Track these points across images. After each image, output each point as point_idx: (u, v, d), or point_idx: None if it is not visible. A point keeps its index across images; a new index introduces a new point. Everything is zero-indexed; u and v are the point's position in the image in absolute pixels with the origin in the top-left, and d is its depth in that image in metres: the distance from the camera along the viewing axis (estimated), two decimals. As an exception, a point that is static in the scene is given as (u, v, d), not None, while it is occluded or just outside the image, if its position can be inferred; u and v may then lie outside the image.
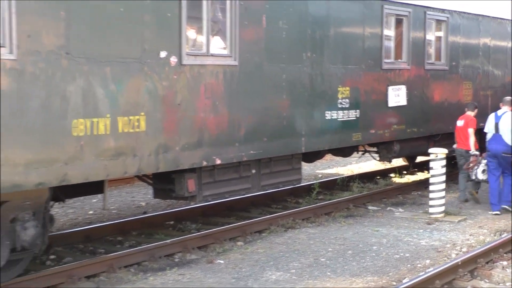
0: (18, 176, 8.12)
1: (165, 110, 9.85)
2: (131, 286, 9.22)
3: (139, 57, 9.41)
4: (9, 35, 7.92)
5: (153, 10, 9.51)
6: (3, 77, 7.88)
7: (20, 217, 8.76)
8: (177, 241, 11.25)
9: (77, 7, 8.58)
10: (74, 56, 8.60)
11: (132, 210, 14.28)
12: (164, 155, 9.90)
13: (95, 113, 8.90)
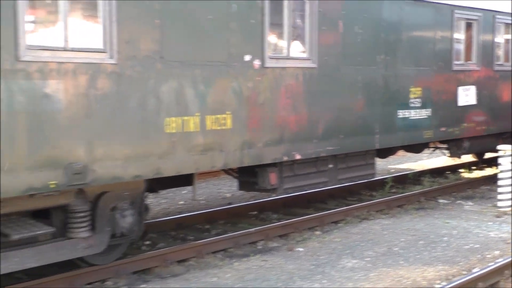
0: (118, 169, 8.33)
1: (249, 109, 9.96)
2: (218, 271, 9.32)
3: (226, 60, 9.54)
4: (110, 41, 8.13)
5: (238, 17, 9.61)
6: (105, 80, 8.11)
7: (119, 206, 8.97)
8: (259, 230, 11.33)
9: (171, 15, 8.74)
10: (167, 60, 8.77)
11: (218, 201, 14.42)
12: (248, 151, 10.01)
13: (185, 112, 9.06)
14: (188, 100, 9.08)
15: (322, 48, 11.07)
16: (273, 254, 10.26)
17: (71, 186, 7.96)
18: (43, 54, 7.56)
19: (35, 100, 7.49)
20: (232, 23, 9.54)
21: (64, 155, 7.79)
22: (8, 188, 7.34)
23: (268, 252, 10.41)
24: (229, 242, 10.71)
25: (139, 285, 8.81)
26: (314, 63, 10.98)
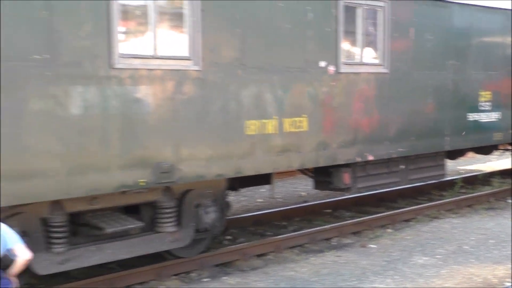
0: (201, 168, 8.46)
1: (324, 112, 9.96)
2: (295, 265, 9.35)
3: (302, 66, 9.57)
4: (195, 49, 8.26)
5: (314, 26, 9.63)
6: (190, 85, 8.27)
7: (203, 203, 9.10)
8: (334, 227, 11.35)
9: (251, 25, 8.83)
10: (247, 66, 8.86)
11: (294, 199, 14.43)
12: (323, 152, 10.02)
13: (264, 115, 9.13)
14: (266, 104, 9.15)
15: (394, 54, 11.00)
16: (347, 250, 10.24)
17: (159, 184, 8.12)
18: (134, 62, 7.75)
19: (127, 104, 7.68)
20: (308, 31, 9.57)
21: (153, 155, 7.96)
22: (103, 185, 7.59)
23: (342, 248, 10.40)
24: (305, 238, 10.74)
25: (221, 277, 8.90)
26: (386, 68, 10.92)
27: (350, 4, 10.19)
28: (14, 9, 6.72)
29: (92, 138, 7.43)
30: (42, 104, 7.01)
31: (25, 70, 6.85)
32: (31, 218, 7.50)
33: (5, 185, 6.76)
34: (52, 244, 7.65)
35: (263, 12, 8.97)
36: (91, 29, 7.30)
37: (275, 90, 9.24)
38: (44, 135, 7.05)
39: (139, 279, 8.61)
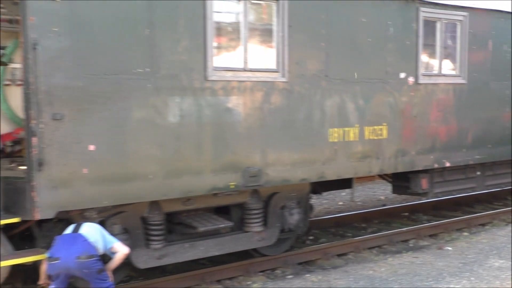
0: (287, 173, 8.53)
1: (403, 121, 9.90)
2: (374, 264, 9.29)
3: (383, 78, 9.54)
4: (282, 62, 8.36)
5: (394, 39, 9.59)
6: (277, 96, 8.36)
7: (288, 205, 9.14)
8: (411, 229, 11.21)
9: (335, 39, 8.85)
10: (331, 78, 8.89)
11: (373, 202, 14.32)
12: (402, 158, 9.95)
13: (346, 123, 9.13)
14: (349, 113, 9.15)
15: (472, 65, 10.83)
16: (424, 251, 10.10)
17: (248, 187, 8.24)
18: (227, 74, 7.90)
19: (219, 113, 7.84)
20: (389, 44, 9.54)
21: (242, 160, 8.08)
22: (196, 187, 7.78)
23: (419, 250, 10.26)
24: (384, 239, 10.66)
25: (303, 274, 8.92)
26: (464, 79, 10.76)
27: (430, 18, 10.09)
28: (121, 27, 6.99)
29: (187, 144, 7.60)
30: (143, 113, 7.22)
31: (129, 82, 7.09)
32: (133, 217, 7.72)
33: (110, 186, 7.03)
34: (150, 240, 7.85)
35: (346, 27, 9.00)
36: (188, 44, 7.50)
37: (357, 100, 9.24)
38: (144, 141, 7.26)
39: (228, 274, 8.71)
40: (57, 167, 6.64)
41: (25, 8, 6.38)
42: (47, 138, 6.58)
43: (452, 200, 13.73)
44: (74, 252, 6.53)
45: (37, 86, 6.47)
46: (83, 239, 6.64)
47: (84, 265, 6.54)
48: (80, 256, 6.52)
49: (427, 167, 10.43)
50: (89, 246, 6.62)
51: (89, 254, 6.57)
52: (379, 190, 15.72)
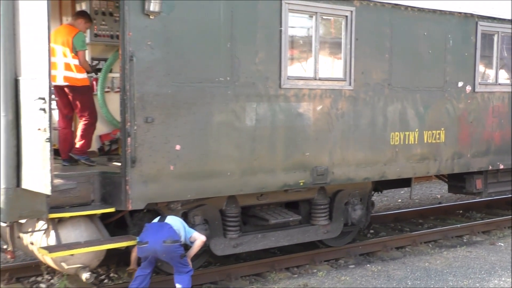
0: (351, 172, 8.51)
1: (460, 126, 9.73)
2: (430, 257, 9.19)
3: (442, 86, 9.40)
4: (349, 72, 8.34)
5: (454, 51, 9.42)
6: (344, 102, 8.34)
7: (351, 201, 9.12)
8: (465, 226, 11.01)
9: (398, 51, 8.76)
10: (393, 86, 8.81)
11: (430, 200, 14.09)
12: (458, 160, 9.79)
13: (407, 128, 9.04)
14: (409, 119, 9.06)
15: (526, 75, 10.59)
16: (477, 246, 9.92)
17: (315, 184, 8.25)
18: (299, 83, 7.93)
19: (291, 117, 7.88)
20: (448, 56, 9.39)
21: (311, 160, 8.10)
22: (269, 184, 7.85)
23: (472, 245, 10.08)
24: (439, 235, 10.51)
25: (364, 264, 8.89)
26: (518, 88, 10.53)
27: (487, 31, 9.88)
28: (205, 40, 7.11)
29: (262, 145, 7.67)
30: (223, 117, 7.33)
31: (211, 89, 7.21)
32: (212, 209, 7.85)
33: (193, 182, 7.17)
34: (227, 231, 7.96)
35: (408, 40, 8.90)
36: (264, 56, 7.56)
37: (417, 107, 9.14)
38: (224, 142, 7.36)
39: (296, 263, 8.75)
40: (147, 164, 6.81)
41: (124, 24, 6.57)
42: (139, 139, 6.76)
43: (504, 200, 13.34)
44: (161, 237, 6.71)
45: (132, 93, 6.66)
46: (169, 226, 6.81)
47: (169, 248, 6.71)
48: (166, 241, 6.68)
49: (482, 168, 10.23)
50: (173, 232, 6.78)
51: (173, 239, 6.73)
52: (436, 189, 15.45)
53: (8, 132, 6.13)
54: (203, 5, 7.03)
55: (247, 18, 7.38)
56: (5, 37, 6.01)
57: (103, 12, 8.24)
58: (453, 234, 10.68)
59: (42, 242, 6.76)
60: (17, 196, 6.24)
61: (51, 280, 8.03)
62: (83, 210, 6.82)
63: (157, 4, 6.60)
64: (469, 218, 12.30)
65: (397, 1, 8.67)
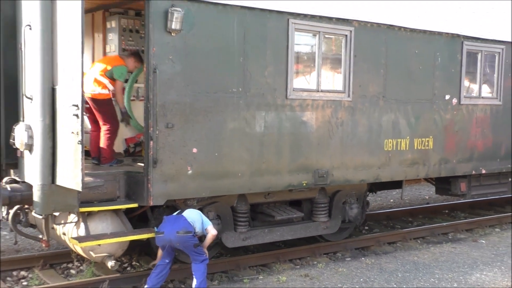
0: (349, 174, 8.51)
1: (447, 135, 9.72)
2: (418, 252, 9.18)
3: (431, 99, 9.40)
4: (347, 85, 8.35)
5: (441, 67, 9.42)
6: (343, 112, 8.36)
7: (348, 200, 9.11)
8: (450, 224, 10.97)
9: (392, 67, 8.77)
10: (387, 98, 8.82)
11: (419, 201, 14.08)
12: (445, 165, 9.78)
13: (399, 136, 9.04)
14: (401, 127, 9.06)
15: (506, 89, 10.53)
16: (461, 243, 9.90)
17: (317, 185, 8.27)
18: (303, 94, 7.96)
19: (295, 125, 7.91)
20: (436, 71, 9.39)
21: (313, 164, 8.12)
22: (276, 184, 7.88)
23: (456, 241, 10.06)
24: (427, 232, 10.49)
25: (359, 257, 8.89)
26: (499, 101, 10.47)
27: (472, 50, 9.89)
28: (221, 55, 7.16)
29: (270, 149, 7.70)
30: (236, 123, 7.38)
31: (226, 99, 7.26)
32: (224, 206, 7.87)
33: (208, 181, 7.21)
34: (237, 225, 7.99)
35: (401, 57, 8.92)
36: (273, 70, 7.60)
37: (408, 117, 9.15)
38: (236, 146, 7.41)
39: (298, 255, 8.77)
40: (167, 165, 6.87)
41: (149, 41, 6.64)
42: (160, 142, 6.81)
43: (486, 201, 13.35)
44: (175, 228, 6.72)
45: (155, 101, 6.72)
46: (184, 219, 6.83)
47: (182, 238, 6.70)
48: (179, 231, 6.69)
49: (466, 173, 10.21)
50: (187, 224, 6.78)
51: (186, 230, 6.73)
52: (424, 191, 15.43)
53: (45, 135, 6.20)
54: (219, 24, 7.09)
55: (258, 36, 7.42)
56: (43, 50, 6.08)
57: (131, 29, 8.31)
58: (440, 231, 10.65)
59: (73, 233, 6.83)
60: (51, 191, 6.30)
61: (80, 267, 8.09)
62: (110, 205, 6.89)
63: (178, 23, 6.67)
64: (454, 217, 12.26)
65: (392, 22, 8.70)
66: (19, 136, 6.37)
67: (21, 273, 7.82)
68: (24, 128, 6.32)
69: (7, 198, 6.45)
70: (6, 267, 7.83)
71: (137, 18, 8.42)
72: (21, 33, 6.35)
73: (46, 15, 6.05)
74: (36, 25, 6.07)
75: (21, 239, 8.53)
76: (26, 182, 6.67)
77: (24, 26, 6.24)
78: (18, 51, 6.47)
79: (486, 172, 10.54)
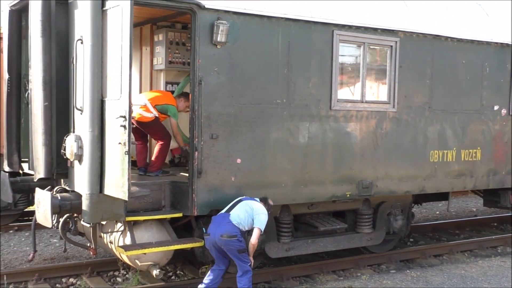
0: (393, 186, 8.46)
1: (495, 146, 9.52)
2: (465, 266, 9.03)
3: (478, 109, 9.25)
4: (392, 96, 8.31)
5: (490, 77, 9.25)
6: (388, 123, 8.32)
7: (393, 212, 9.02)
8: (500, 237, 10.71)
9: (438, 77, 8.68)
10: (433, 109, 8.73)
11: (466, 213, 13.80)
12: (493, 177, 9.58)
13: (445, 147, 8.93)
14: (448, 138, 8.94)
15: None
16: (510, 257, 9.62)
17: (361, 196, 8.24)
18: (347, 105, 7.96)
19: (339, 135, 7.90)
20: (485, 81, 9.24)
21: (357, 174, 8.10)
22: (319, 195, 7.88)
23: (506, 255, 9.81)
24: (475, 245, 10.30)
25: (404, 270, 8.80)
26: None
27: (523, 59, 9.71)
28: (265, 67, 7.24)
29: (313, 160, 7.71)
30: (279, 134, 7.42)
31: (270, 110, 7.32)
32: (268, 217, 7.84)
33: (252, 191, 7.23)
34: (281, 236, 8.00)
35: (448, 67, 8.81)
36: (317, 81, 7.63)
37: (455, 128, 9.02)
38: (279, 156, 7.45)
39: (341, 266, 8.73)
40: (212, 175, 6.96)
41: (195, 53, 6.77)
42: (205, 153, 6.91)
43: (537, 214, 13.01)
44: (220, 231, 6.65)
45: (200, 112, 6.83)
46: (228, 221, 6.70)
47: (226, 242, 6.65)
48: (223, 235, 6.64)
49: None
50: (231, 228, 6.67)
51: (230, 234, 6.64)
52: (471, 203, 15.11)
53: (94, 146, 6.37)
54: (263, 36, 7.18)
55: (302, 47, 7.47)
56: (93, 63, 6.26)
57: (177, 42, 8.48)
58: (488, 244, 10.42)
59: (120, 241, 6.97)
60: (99, 201, 6.43)
61: (126, 275, 8.24)
62: (155, 215, 6.99)
63: (223, 36, 6.78)
64: (503, 230, 11.96)
65: (438, 32, 8.62)
66: (69, 147, 6.56)
67: (70, 280, 8.04)
68: (74, 139, 6.51)
69: (57, 207, 6.63)
70: (56, 274, 8.06)
71: (184, 31, 8.59)
72: (73, 47, 6.56)
73: (97, 29, 6.23)
74: (87, 39, 6.26)
75: (70, 247, 8.76)
76: (75, 192, 6.85)
77: (76, 40, 6.44)
78: (70, 65, 6.68)
79: (537, 184, 10.24)
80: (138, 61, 9.01)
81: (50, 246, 9.70)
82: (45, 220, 6.74)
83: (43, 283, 7.81)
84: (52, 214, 6.59)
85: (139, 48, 9.00)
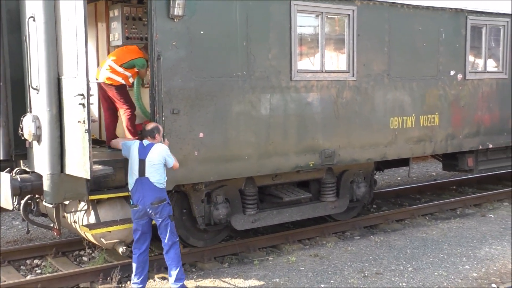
0: (355, 154, 8.56)
1: (452, 110, 9.73)
2: (427, 228, 9.25)
3: (436, 75, 9.41)
4: (352, 65, 8.36)
5: (446, 43, 9.42)
6: (348, 92, 8.38)
7: (356, 180, 9.15)
8: (458, 200, 11.04)
9: (396, 44, 8.77)
10: (392, 76, 8.83)
11: (426, 177, 14.10)
12: (451, 141, 9.81)
13: (404, 113, 9.05)
14: (406, 105, 9.07)
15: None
16: (469, 218, 9.95)
17: (324, 165, 8.31)
18: (307, 75, 7.98)
19: (301, 106, 7.94)
20: (441, 47, 9.38)
21: (319, 144, 8.16)
22: (283, 166, 7.93)
23: (465, 217, 10.11)
24: (435, 208, 10.55)
25: (368, 236, 8.97)
26: (505, 74, 10.44)
27: (476, 24, 9.86)
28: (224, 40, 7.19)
29: (276, 131, 7.74)
30: (241, 107, 7.42)
31: (231, 83, 7.30)
32: (232, 189, 7.93)
33: (215, 165, 7.26)
34: (246, 208, 8.05)
35: (405, 34, 8.91)
36: (276, 52, 7.62)
37: (413, 94, 9.15)
38: (242, 129, 7.45)
39: (307, 235, 8.86)
40: (174, 150, 6.89)
41: (152, 27, 6.67)
42: (167, 128, 6.86)
43: (494, 176, 13.36)
44: (149, 199, 6.34)
45: (160, 88, 6.76)
46: (151, 186, 6.34)
47: (157, 208, 6.35)
48: (153, 202, 6.34)
49: (473, 148, 10.23)
50: (159, 192, 6.36)
51: (160, 199, 6.38)
52: (431, 168, 15.43)
53: (52, 125, 6.26)
54: (221, 9, 7.11)
55: (261, 19, 7.43)
56: (47, 41, 6.12)
57: (133, 17, 8.31)
58: (448, 207, 10.72)
59: (84, 220, 6.92)
60: (61, 180, 6.37)
61: (92, 254, 8.21)
62: (119, 192, 6.95)
63: (180, 9, 6.69)
64: (462, 193, 12.31)
65: (394, 0, 8.68)
66: (27, 127, 6.44)
67: (34, 261, 7.96)
68: (31, 119, 6.39)
69: (17, 189, 6.53)
70: (19, 256, 7.96)
71: (140, 5, 8.42)
72: (25, 25, 6.38)
73: (49, 5, 6.07)
74: (40, 16, 6.10)
75: (33, 228, 8.66)
76: (35, 172, 6.75)
77: (28, 18, 6.27)
78: (23, 43, 6.51)
79: (493, 147, 10.54)
80: (94, 38, 8.83)
81: (12, 229, 9.56)
82: (6, 203, 6.63)
83: (7, 265, 7.71)
84: (12, 196, 6.50)
85: (94, 24, 8.81)
